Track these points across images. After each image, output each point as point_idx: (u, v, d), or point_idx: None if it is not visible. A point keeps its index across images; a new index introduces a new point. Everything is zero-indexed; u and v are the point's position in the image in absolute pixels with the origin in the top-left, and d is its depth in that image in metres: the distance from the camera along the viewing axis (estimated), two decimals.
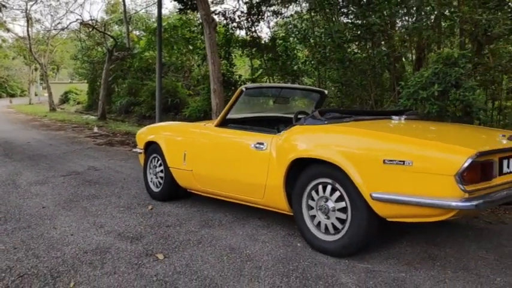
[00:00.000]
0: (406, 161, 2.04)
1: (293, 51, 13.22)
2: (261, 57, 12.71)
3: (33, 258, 2.45)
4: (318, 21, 11.67)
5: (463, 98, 6.89)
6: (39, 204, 3.72)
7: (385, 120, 2.86)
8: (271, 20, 13.67)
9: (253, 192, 2.91)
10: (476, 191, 1.97)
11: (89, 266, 2.33)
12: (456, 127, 3.08)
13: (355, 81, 9.64)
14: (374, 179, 2.16)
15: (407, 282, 2.08)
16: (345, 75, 9.60)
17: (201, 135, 3.44)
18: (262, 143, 2.83)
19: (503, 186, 2.13)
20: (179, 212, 3.44)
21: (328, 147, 2.42)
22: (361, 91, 9.59)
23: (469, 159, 1.87)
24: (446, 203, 1.94)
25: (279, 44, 12.60)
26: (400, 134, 2.38)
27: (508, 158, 2.18)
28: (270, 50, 12.60)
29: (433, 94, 7.01)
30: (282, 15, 13.49)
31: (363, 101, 9.78)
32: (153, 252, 2.52)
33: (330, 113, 2.68)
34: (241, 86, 3.25)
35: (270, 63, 12.69)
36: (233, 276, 2.17)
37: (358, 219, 2.27)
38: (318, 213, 2.50)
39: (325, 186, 2.45)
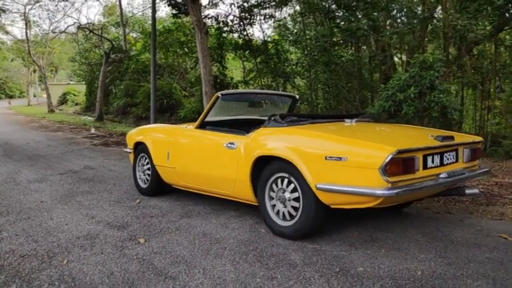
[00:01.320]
0: (342, 157, 2.45)
1: (285, 53, 13.63)
2: (254, 59, 13.10)
3: (32, 242, 2.86)
4: (310, 24, 12.08)
5: (437, 99, 7.33)
6: (37, 199, 4.12)
7: (336, 123, 3.28)
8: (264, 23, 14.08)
9: (226, 185, 3.32)
10: (399, 182, 2.37)
11: (80, 248, 2.74)
12: (395, 128, 3.49)
13: (340, 83, 10.05)
14: (318, 172, 2.57)
15: (345, 258, 2.48)
16: (331, 78, 10.00)
17: (182, 136, 3.85)
18: (233, 142, 3.24)
19: (427, 178, 2.53)
20: (163, 205, 3.85)
21: (284, 146, 2.83)
22: (346, 93, 10.00)
23: (389, 155, 2.27)
24: (373, 192, 2.35)
25: (270, 47, 12.99)
26: (339, 135, 2.79)
27: (432, 154, 2.58)
28: (262, 52, 12.98)
29: (409, 96, 7.44)
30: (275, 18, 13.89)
31: (349, 102, 10.20)
32: (136, 238, 2.93)
33: (289, 117, 3.10)
34: (218, 93, 3.65)
35: (262, 66, 13.07)
36: (201, 255, 2.58)
37: (308, 207, 2.68)
38: (277, 202, 2.91)
39: (283, 179, 2.86)
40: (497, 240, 2.80)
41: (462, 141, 2.86)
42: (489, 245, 2.69)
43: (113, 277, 2.27)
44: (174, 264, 2.44)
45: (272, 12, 13.42)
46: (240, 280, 2.21)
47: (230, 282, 2.19)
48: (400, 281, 2.16)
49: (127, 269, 2.39)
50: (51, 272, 2.35)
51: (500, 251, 2.60)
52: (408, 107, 7.22)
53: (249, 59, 13.53)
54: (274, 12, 13.59)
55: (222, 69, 13.27)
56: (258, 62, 13.08)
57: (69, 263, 2.49)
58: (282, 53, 13.16)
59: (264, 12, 13.26)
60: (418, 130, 3.26)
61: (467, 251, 2.58)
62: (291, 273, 2.29)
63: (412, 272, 2.26)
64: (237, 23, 12.66)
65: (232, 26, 12.64)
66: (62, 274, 2.32)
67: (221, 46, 13.14)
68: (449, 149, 2.72)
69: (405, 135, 3.03)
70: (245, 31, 12.84)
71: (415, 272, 2.27)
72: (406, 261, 2.43)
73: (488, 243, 2.74)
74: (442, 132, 3.02)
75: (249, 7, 12.62)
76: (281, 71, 12.78)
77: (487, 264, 2.38)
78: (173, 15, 11.95)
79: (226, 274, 2.29)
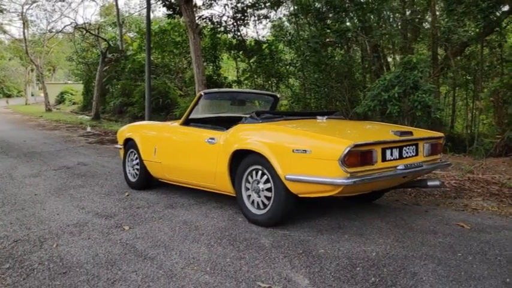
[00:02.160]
0: (307, 150, 2.69)
1: (279, 54, 13.85)
2: (247, 59, 13.33)
3: (25, 229, 3.09)
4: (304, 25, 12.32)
5: (420, 99, 7.59)
6: (32, 192, 4.35)
7: (308, 119, 3.52)
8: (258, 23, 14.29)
9: (207, 178, 3.56)
10: (357, 172, 2.61)
11: (69, 234, 2.97)
12: (360, 124, 3.73)
13: (330, 83, 10.29)
14: (287, 164, 2.81)
15: (310, 242, 2.72)
16: (322, 78, 10.25)
17: (168, 133, 4.09)
18: (214, 138, 3.48)
19: (385, 169, 2.77)
20: (150, 197, 4.08)
21: (258, 141, 3.07)
22: (336, 93, 10.25)
23: (347, 148, 2.51)
24: (333, 181, 2.59)
25: (264, 47, 13.21)
26: (305, 130, 3.03)
27: (391, 148, 2.83)
28: (255, 52, 13.19)
29: (394, 96, 7.70)
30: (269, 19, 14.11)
31: (339, 102, 10.45)
32: (121, 225, 3.16)
33: (264, 114, 3.34)
34: (201, 91, 3.89)
35: (256, 66, 13.29)
36: (179, 240, 2.82)
37: (279, 196, 2.92)
38: (252, 193, 3.15)
39: (257, 171, 3.10)
40: (453, 228, 3.04)
41: (422, 137, 3.10)
42: (445, 232, 2.94)
43: (97, 258, 2.51)
44: (153, 247, 2.68)
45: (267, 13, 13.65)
46: (211, 260, 2.45)
47: (202, 261, 2.43)
48: (355, 260, 2.40)
49: (111, 251, 2.62)
50: (42, 254, 2.58)
51: (453, 236, 2.84)
52: (393, 106, 7.48)
53: (243, 59, 13.77)
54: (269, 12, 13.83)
55: (216, 69, 13.50)
56: (251, 62, 13.32)
57: (58, 246, 2.72)
58: (275, 54, 13.39)
59: (258, 12, 13.51)
60: (382, 126, 3.51)
61: (422, 237, 2.83)
62: (259, 254, 2.53)
63: (368, 254, 2.50)
64: (231, 24, 12.90)
65: (226, 27, 12.88)
66: (51, 256, 2.56)
67: (215, 46, 13.37)
68: (409, 144, 2.96)
69: (367, 130, 3.27)
70: (239, 31, 13.08)
71: (371, 253, 2.51)
72: (365, 245, 2.67)
73: (444, 230, 2.99)
74: (402, 128, 3.26)
75: (242, 8, 12.86)
76: (274, 71, 13.03)
77: (437, 247, 2.63)
78: (168, 15, 12.17)
79: (200, 255, 2.52)
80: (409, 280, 2.14)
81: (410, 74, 7.38)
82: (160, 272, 2.29)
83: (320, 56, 9.86)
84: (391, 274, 2.21)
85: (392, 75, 7.68)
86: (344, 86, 10.06)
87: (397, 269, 2.27)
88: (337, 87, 10.02)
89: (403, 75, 7.49)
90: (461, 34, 8.15)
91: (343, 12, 9.95)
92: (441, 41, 8.77)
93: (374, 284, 2.10)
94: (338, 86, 10.04)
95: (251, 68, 13.32)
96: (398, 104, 7.41)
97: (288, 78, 13.45)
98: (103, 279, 2.20)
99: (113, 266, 2.38)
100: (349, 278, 2.17)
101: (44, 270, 2.33)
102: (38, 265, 2.41)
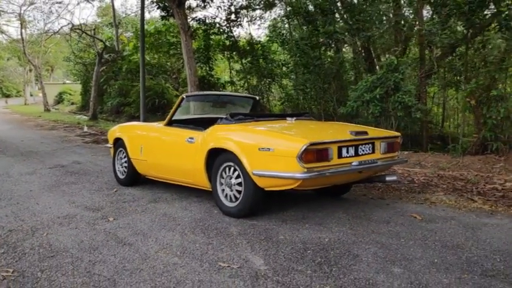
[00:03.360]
0: (271, 148, 3.02)
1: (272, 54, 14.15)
2: (240, 60, 13.63)
3: (19, 221, 3.41)
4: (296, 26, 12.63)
5: (401, 100, 7.92)
6: (27, 189, 4.67)
7: (277, 120, 3.84)
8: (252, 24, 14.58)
9: (187, 175, 3.88)
10: (314, 168, 2.93)
11: (59, 224, 3.29)
12: (323, 124, 4.05)
13: (318, 84, 10.61)
14: (254, 161, 3.13)
15: (273, 230, 3.05)
16: (310, 79, 10.56)
17: (153, 133, 4.41)
18: (193, 137, 3.79)
19: (341, 165, 3.09)
20: (136, 193, 4.40)
21: (230, 140, 3.39)
22: (323, 93, 10.57)
23: (303, 146, 2.83)
24: (292, 175, 2.91)
25: (257, 48, 13.51)
26: (270, 130, 3.36)
27: (347, 146, 3.15)
28: (248, 53, 13.48)
29: (375, 97, 8.03)
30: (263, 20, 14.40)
31: (327, 102, 10.77)
32: (107, 217, 3.48)
33: (238, 116, 3.66)
34: (183, 94, 4.21)
35: (248, 66, 13.59)
36: (157, 229, 3.14)
37: (248, 190, 3.24)
38: (226, 187, 3.47)
39: (230, 167, 3.42)
40: (407, 219, 3.36)
41: (378, 136, 3.42)
42: (397, 222, 3.26)
43: (82, 244, 2.83)
44: (133, 235, 3.00)
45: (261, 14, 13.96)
46: (182, 245, 2.77)
47: (174, 246, 2.75)
48: (308, 245, 2.73)
49: (94, 238, 2.94)
50: (33, 241, 2.91)
51: (403, 226, 3.16)
52: (374, 107, 7.80)
53: (236, 60, 14.08)
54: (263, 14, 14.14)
55: (209, 70, 13.80)
56: (244, 63, 13.62)
57: (48, 235, 3.04)
58: (268, 55, 13.70)
59: (251, 14, 13.82)
60: (342, 126, 3.83)
61: (375, 226, 3.15)
62: (226, 240, 2.85)
63: (321, 240, 2.83)
64: (224, 25, 13.19)
65: (220, 28, 13.17)
66: (41, 242, 2.88)
67: (208, 48, 13.66)
68: (365, 142, 3.28)
69: (326, 130, 3.60)
70: (232, 33, 13.38)
71: (324, 239, 2.83)
72: (321, 232, 3.00)
73: (397, 220, 3.31)
74: (359, 127, 3.58)
75: (236, 9, 13.15)
76: (267, 72, 13.34)
77: (385, 234, 2.95)
78: (162, 17, 12.46)
79: (173, 241, 2.85)
80: (350, 261, 2.46)
81: (392, 76, 7.70)
82: (136, 255, 2.61)
83: (309, 57, 10.17)
84: (336, 256, 2.53)
85: (375, 77, 8.01)
86: (332, 87, 10.38)
87: (343, 252, 2.59)
88: (326, 88, 10.34)
89: (385, 76, 7.82)
90: (444, 37, 8.43)
91: (332, 15, 10.27)
92: (425, 43, 9.10)
93: (319, 263, 2.42)
94: (326, 87, 10.36)
95: (244, 68, 13.62)
96: (380, 105, 7.73)
97: (281, 78, 13.77)
98: (85, 261, 2.52)
99: (95, 251, 2.70)
100: (299, 259, 2.49)
101: (34, 254, 2.65)
102: (29, 250, 2.73)
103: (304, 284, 2.16)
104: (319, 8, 10.03)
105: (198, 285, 2.18)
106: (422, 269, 2.33)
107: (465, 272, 2.29)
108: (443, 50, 9.23)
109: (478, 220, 3.33)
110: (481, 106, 7.34)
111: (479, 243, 2.76)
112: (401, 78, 7.72)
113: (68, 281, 2.26)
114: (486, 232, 3.00)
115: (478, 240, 2.81)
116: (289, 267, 2.38)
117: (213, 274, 2.31)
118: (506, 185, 4.77)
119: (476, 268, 2.34)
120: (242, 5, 13.14)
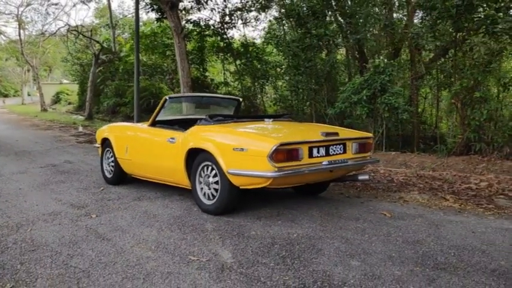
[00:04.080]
0: (244, 148, 3.17)
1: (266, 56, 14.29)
2: (234, 62, 13.78)
3: (6, 218, 3.55)
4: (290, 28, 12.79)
5: (388, 101, 8.08)
6: (17, 187, 4.82)
7: (255, 122, 3.99)
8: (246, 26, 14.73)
9: (168, 173, 4.03)
10: (285, 167, 3.08)
11: (43, 221, 3.44)
12: (297, 125, 4.17)
13: (310, 85, 10.76)
14: (229, 160, 3.28)
15: (247, 226, 3.19)
16: (301, 81, 10.72)
17: (137, 133, 4.56)
18: (174, 137, 3.94)
19: (312, 165, 3.24)
20: (122, 191, 4.55)
21: (208, 140, 3.54)
22: (314, 95, 10.72)
23: (274, 146, 2.98)
24: (264, 174, 3.06)
25: (251, 50, 13.67)
26: (245, 131, 3.51)
27: (318, 147, 3.30)
28: (242, 55, 13.63)
29: (362, 98, 8.18)
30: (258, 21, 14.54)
31: (318, 103, 10.93)
32: (90, 214, 3.63)
33: (217, 117, 3.81)
34: (166, 96, 4.35)
35: (242, 68, 13.74)
36: (136, 225, 3.28)
37: (224, 188, 3.39)
38: (204, 186, 3.62)
39: (208, 167, 3.57)
40: (377, 216, 3.51)
41: (349, 137, 3.57)
42: (366, 219, 3.41)
43: (63, 239, 2.98)
44: (113, 231, 3.15)
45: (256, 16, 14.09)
46: (158, 240, 2.92)
47: (150, 241, 2.90)
48: (277, 240, 2.87)
49: (75, 234, 3.09)
50: (16, 236, 3.05)
51: (371, 223, 3.31)
52: (362, 108, 7.96)
53: (231, 61, 14.23)
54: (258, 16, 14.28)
55: (202, 71, 13.95)
56: (238, 64, 13.77)
57: (32, 231, 3.19)
58: (262, 56, 13.85)
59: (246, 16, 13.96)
60: (315, 127, 3.98)
61: (344, 222, 3.30)
62: (199, 236, 3.00)
63: (290, 235, 2.98)
64: (218, 27, 13.34)
65: (214, 30, 13.32)
66: (24, 238, 3.02)
67: (202, 49, 13.82)
68: (336, 143, 3.44)
69: (299, 131, 3.75)
70: (226, 35, 13.53)
71: (293, 235, 2.98)
72: (291, 228, 3.14)
73: (367, 217, 3.46)
74: (331, 128, 3.74)
75: (230, 12, 13.30)
76: (260, 73, 13.49)
77: (352, 230, 3.10)
78: (156, 19, 12.61)
79: (149, 237, 2.99)
80: (313, 254, 2.61)
81: (378, 78, 7.86)
82: (113, 249, 2.76)
83: (300, 59, 10.32)
84: (300, 250, 2.68)
85: (362, 79, 8.17)
86: (324, 88, 10.54)
87: (308, 246, 2.74)
88: (317, 90, 10.50)
89: (371, 78, 7.97)
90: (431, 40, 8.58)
91: (323, 17, 10.43)
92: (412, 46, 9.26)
93: (283, 257, 2.57)
94: (317, 89, 10.52)
95: (238, 70, 13.78)
96: (367, 106, 7.89)
97: (276, 79, 13.93)
98: (64, 255, 2.67)
99: (74, 245, 2.84)
100: (265, 252, 2.64)
101: (16, 248, 2.80)
102: (12, 244, 2.88)
103: (266, 276, 2.31)
104: (311, 10, 10.18)
105: (166, 277, 2.32)
106: (378, 262, 2.48)
107: (418, 265, 2.44)
108: (435, 52, 9.38)
109: (444, 217, 3.48)
110: (465, 108, 7.50)
111: (439, 238, 2.91)
112: (388, 80, 7.88)
113: (45, 272, 2.41)
114: (449, 229, 3.15)
115: (439, 236, 2.96)
116: (255, 260, 2.53)
117: (182, 267, 2.46)
118: (480, 184, 4.93)
119: (430, 261, 2.49)
120: (236, 7, 13.30)
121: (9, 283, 2.28)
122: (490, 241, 2.86)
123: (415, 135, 9.84)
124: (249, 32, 25.44)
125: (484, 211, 3.73)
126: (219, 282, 2.24)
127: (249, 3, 13.11)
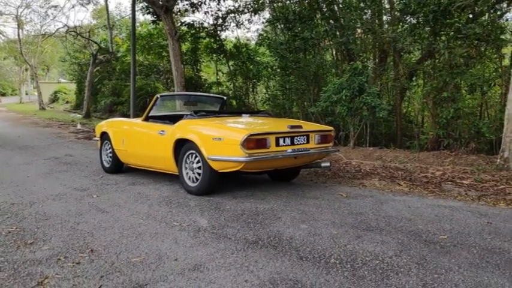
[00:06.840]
0: (221, 138, 3.82)
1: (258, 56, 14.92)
2: (227, 62, 14.40)
3: (19, 197, 4.17)
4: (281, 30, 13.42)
5: (365, 100, 8.76)
6: (25, 175, 5.43)
7: (234, 117, 4.64)
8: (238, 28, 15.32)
9: (159, 162, 4.66)
10: (255, 153, 3.72)
11: (52, 199, 4.06)
12: (267, 120, 4.78)
13: (297, 86, 11.42)
14: (209, 148, 3.92)
15: (223, 203, 3.83)
16: (289, 81, 11.37)
17: (132, 127, 5.19)
18: (164, 130, 4.57)
19: (278, 152, 3.88)
20: (118, 178, 5.18)
21: (192, 132, 4.18)
22: (301, 94, 11.37)
23: (245, 136, 3.63)
24: (237, 159, 3.71)
25: (243, 51, 14.29)
26: (222, 124, 4.15)
27: (283, 137, 3.94)
28: (235, 56, 14.24)
29: (342, 98, 8.86)
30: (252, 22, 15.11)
31: (304, 101, 11.58)
32: (91, 195, 4.26)
33: (200, 112, 4.45)
34: (157, 94, 4.99)
35: (234, 68, 14.36)
36: (131, 202, 3.92)
37: (205, 172, 4.03)
38: (189, 171, 4.25)
39: (192, 154, 4.21)
40: (334, 196, 4.16)
41: (312, 129, 4.22)
42: (324, 198, 4.05)
43: (70, 212, 3.60)
44: (111, 206, 3.78)
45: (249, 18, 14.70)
46: (148, 212, 3.55)
47: (142, 213, 3.53)
48: (246, 211, 3.51)
49: (80, 208, 3.72)
50: (31, 210, 3.67)
51: (328, 200, 3.95)
52: (341, 107, 8.62)
53: (223, 62, 14.85)
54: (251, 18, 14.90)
55: (196, 72, 14.56)
56: (230, 65, 14.40)
57: (43, 206, 3.81)
58: (254, 57, 14.47)
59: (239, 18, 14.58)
60: (284, 122, 4.63)
61: (305, 200, 3.94)
62: (183, 209, 3.64)
63: (257, 209, 3.62)
64: (212, 29, 13.95)
65: (207, 32, 13.93)
66: (37, 211, 3.64)
67: (196, 50, 14.43)
68: (301, 134, 4.08)
69: (268, 124, 4.40)
70: (219, 37, 14.15)
71: (259, 208, 3.62)
72: (260, 204, 3.79)
73: (325, 197, 4.10)
74: (296, 122, 4.39)
75: (223, 15, 13.93)
76: (252, 73, 14.12)
77: (309, 206, 3.74)
78: (152, 21, 13.21)
79: (141, 210, 3.63)
80: (272, 221, 3.25)
81: (357, 79, 8.52)
82: (111, 218, 3.39)
83: (287, 61, 10.97)
84: (263, 218, 3.32)
85: (343, 80, 8.83)
86: (310, 88, 11.19)
87: (269, 216, 3.38)
88: (304, 89, 11.15)
89: (350, 79, 8.64)
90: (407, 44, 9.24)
91: (310, 21, 11.07)
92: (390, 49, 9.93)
93: (248, 222, 3.21)
94: (304, 88, 11.17)
95: (230, 70, 14.41)
96: (346, 105, 8.54)
97: (268, 80, 14.56)
98: (71, 222, 3.30)
99: (79, 216, 3.47)
100: (235, 220, 3.28)
101: (32, 218, 3.42)
102: (28, 215, 3.50)
103: (232, 234, 2.95)
104: (298, 15, 10.81)
105: (153, 235, 2.95)
106: (322, 226, 3.12)
107: (353, 228, 3.08)
108: (422, 54, 10.03)
109: (391, 197, 4.14)
110: (436, 106, 8.19)
111: (378, 211, 3.56)
112: (365, 81, 8.54)
113: (57, 233, 3.04)
114: (390, 205, 3.80)
115: (379, 210, 3.61)
116: (225, 225, 3.17)
117: (166, 229, 3.09)
118: (435, 173, 5.59)
119: (363, 225, 3.14)
120: (229, 9, 13.92)
121: (30, 240, 2.90)
122: (419, 213, 3.51)
123: (398, 132, 10.50)
124: (242, 34, 26.15)
125: (428, 193, 4.39)
126: (195, 239, 2.87)
127: (241, 6, 13.73)
